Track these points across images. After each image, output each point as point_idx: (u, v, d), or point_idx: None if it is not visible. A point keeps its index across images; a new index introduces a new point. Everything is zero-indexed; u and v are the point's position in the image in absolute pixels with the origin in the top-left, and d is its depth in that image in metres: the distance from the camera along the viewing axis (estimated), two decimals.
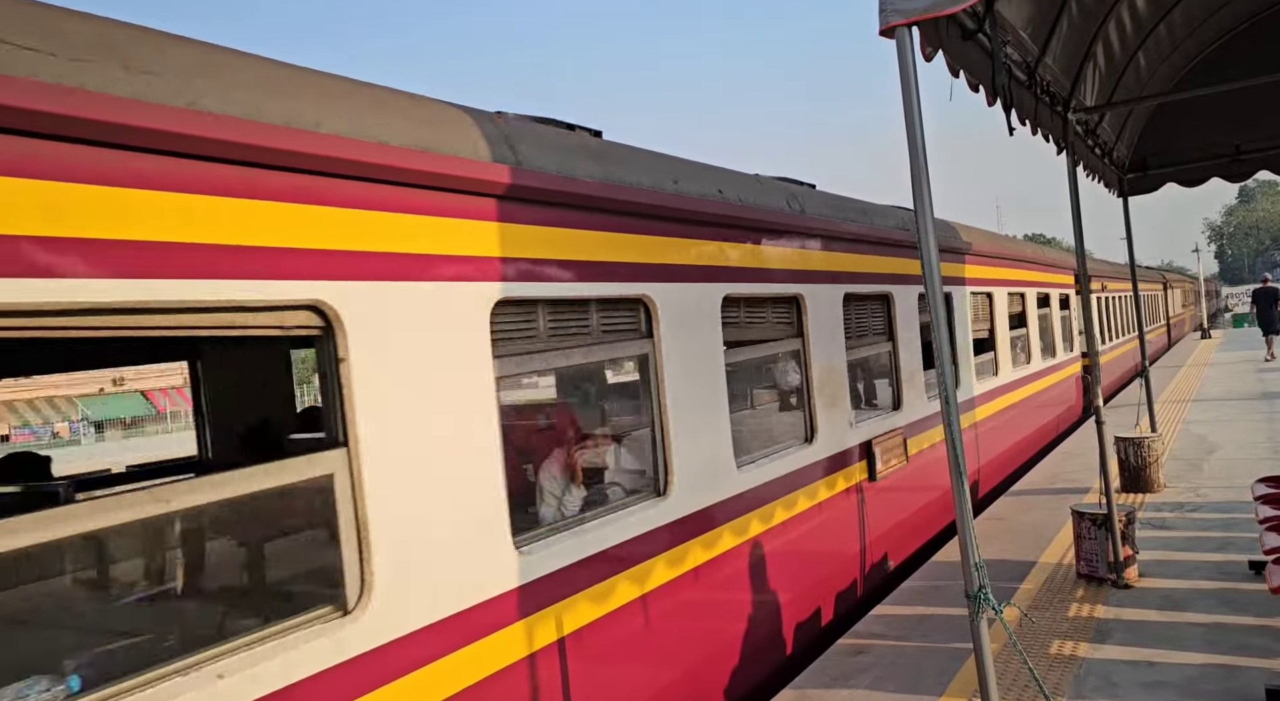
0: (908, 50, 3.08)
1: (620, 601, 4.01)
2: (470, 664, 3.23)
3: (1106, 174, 8.18)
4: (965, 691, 4.57)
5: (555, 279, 3.84)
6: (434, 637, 3.09)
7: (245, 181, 2.65)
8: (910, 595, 6.25)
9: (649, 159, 4.63)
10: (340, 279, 2.89)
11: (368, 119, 3.05)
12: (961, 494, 3.12)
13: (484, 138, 3.53)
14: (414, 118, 3.29)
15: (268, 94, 2.76)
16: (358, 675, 2.82)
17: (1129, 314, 22.27)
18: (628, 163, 4.37)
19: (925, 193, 3.15)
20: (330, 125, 2.88)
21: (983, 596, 3.06)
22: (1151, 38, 6.55)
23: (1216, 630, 5.02)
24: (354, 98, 3.11)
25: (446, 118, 3.49)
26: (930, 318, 3.20)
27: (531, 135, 3.85)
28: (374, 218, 3.05)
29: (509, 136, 3.69)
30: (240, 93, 2.66)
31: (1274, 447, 10.28)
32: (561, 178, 3.82)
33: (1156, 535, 7.06)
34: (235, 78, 2.70)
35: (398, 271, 3.10)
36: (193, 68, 2.59)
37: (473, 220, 3.45)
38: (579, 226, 3.98)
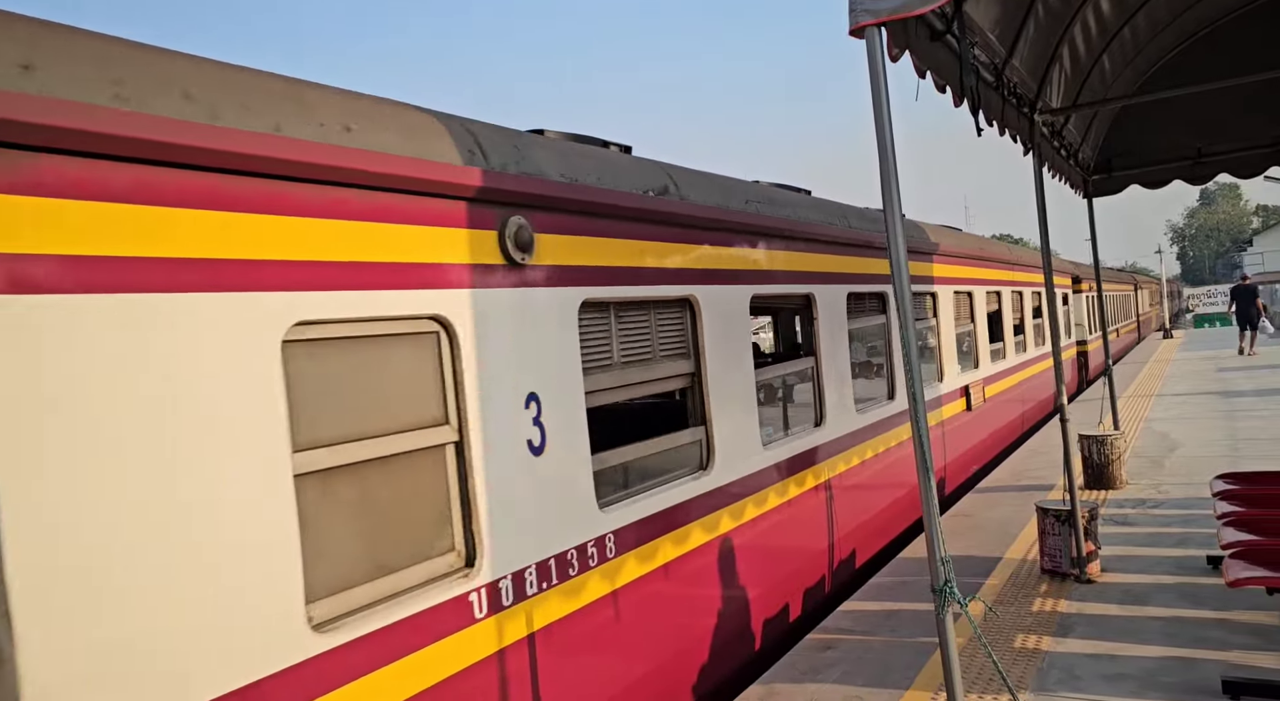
0: (877, 50, 3.11)
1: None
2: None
3: (1072, 175, 8.30)
4: (932, 685, 4.62)
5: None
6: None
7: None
8: (878, 591, 6.31)
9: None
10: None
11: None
12: (928, 490, 3.15)
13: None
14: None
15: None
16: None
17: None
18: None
19: (894, 191, 3.18)
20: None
21: (948, 590, 3.09)
22: (1116, 41, 6.66)
23: (1175, 623, 5.12)
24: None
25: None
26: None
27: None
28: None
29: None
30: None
31: (1233, 445, 10.50)
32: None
33: (1118, 531, 7.18)
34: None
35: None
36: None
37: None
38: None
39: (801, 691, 4.73)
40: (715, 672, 5.03)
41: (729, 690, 5.12)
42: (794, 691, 4.73)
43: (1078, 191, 8.87)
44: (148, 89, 2.52)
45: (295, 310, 2.87)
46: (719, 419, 5.17)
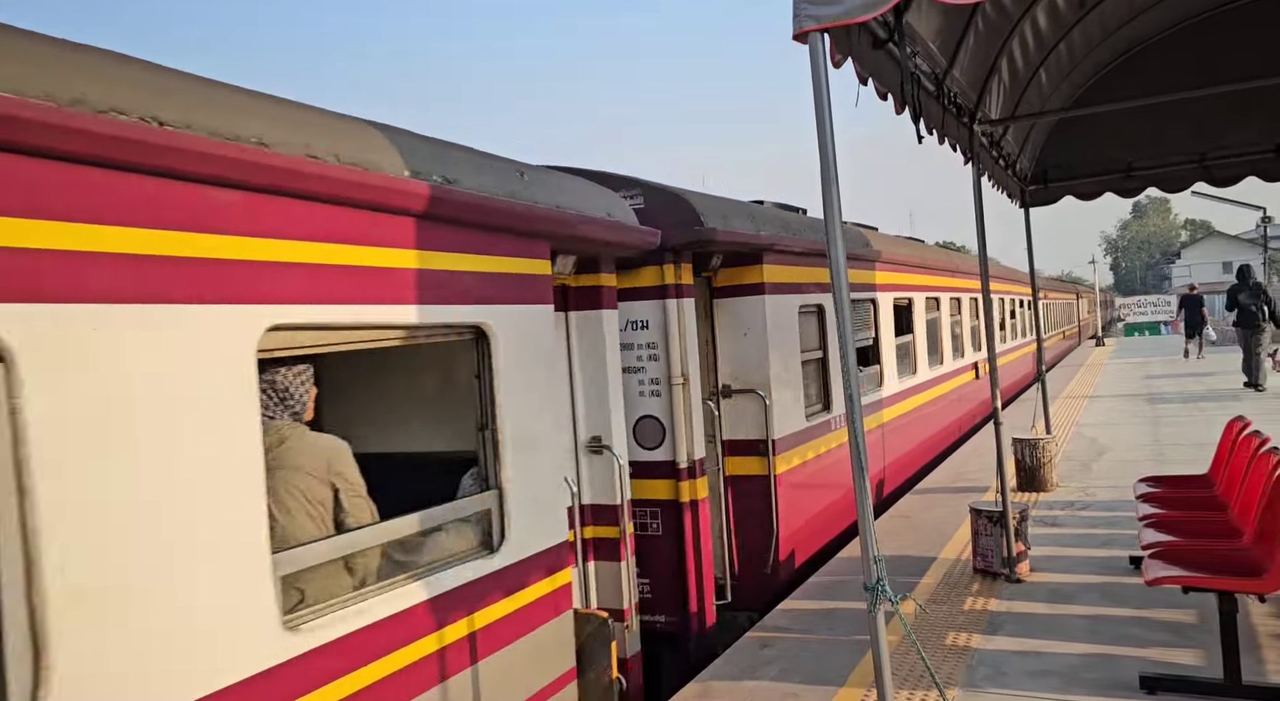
0: (820, 56, 3.16)
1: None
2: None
3: (1009, 185, 8.51)
4: (865, 681, 4.70)
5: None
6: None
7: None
8: (817, 590, 6.40)
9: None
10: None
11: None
12: (863, 490, 3.21)
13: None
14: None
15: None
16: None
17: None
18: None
19: (835, 197, 3.23)
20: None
21: (880, 588, 3.16)
22: (1052, 56, 6.85)
23: (1098, 621, 5.29)
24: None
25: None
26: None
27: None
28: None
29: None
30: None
31: (1158, 450, 10.88)
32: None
33: (1048, 532, 7.39)
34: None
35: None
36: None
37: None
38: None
39: (739, 689, 4.77)
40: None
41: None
42: (731, 689, 4.78)
43: (1014, 201, 9.09)
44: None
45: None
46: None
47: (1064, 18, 6.22)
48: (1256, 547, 4.35)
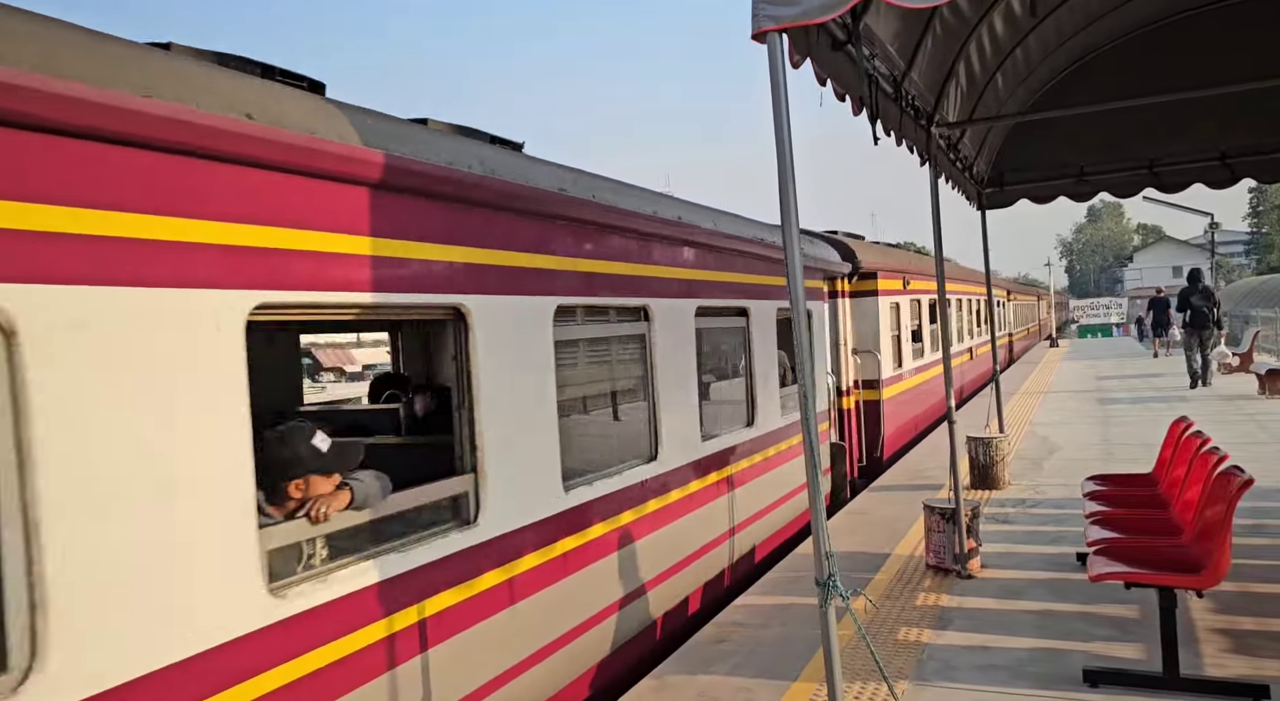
0: (778, 56, 3.18)
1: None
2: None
3: (966, 187, 8.65)
4: (818, 676, 4.75)
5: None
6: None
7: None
8: (772, 585, 6.46)
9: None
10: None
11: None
12: (815, 486, 3.25)
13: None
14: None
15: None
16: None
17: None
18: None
19: (791, 197, 3.25)
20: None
21: (832, 584, 3.20)
22: (1009, 61, 6.97)
23: (1045, 616, 5.41)
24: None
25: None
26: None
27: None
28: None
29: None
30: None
31: (1107, 449, 11.14)
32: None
33: (999, 529, 7.53)
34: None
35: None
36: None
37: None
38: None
39: (693, 683, 4.80)
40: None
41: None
42: (686, 683, 4.80)
43: (972, 203, 9.24)
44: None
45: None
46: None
47: (1020, 23, 6.33)
48: (1195, 545, 4.47)
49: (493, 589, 4.13)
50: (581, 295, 4.95)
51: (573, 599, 4.73)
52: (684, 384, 6.10)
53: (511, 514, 4.26)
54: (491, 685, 4.08)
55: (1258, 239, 73.32)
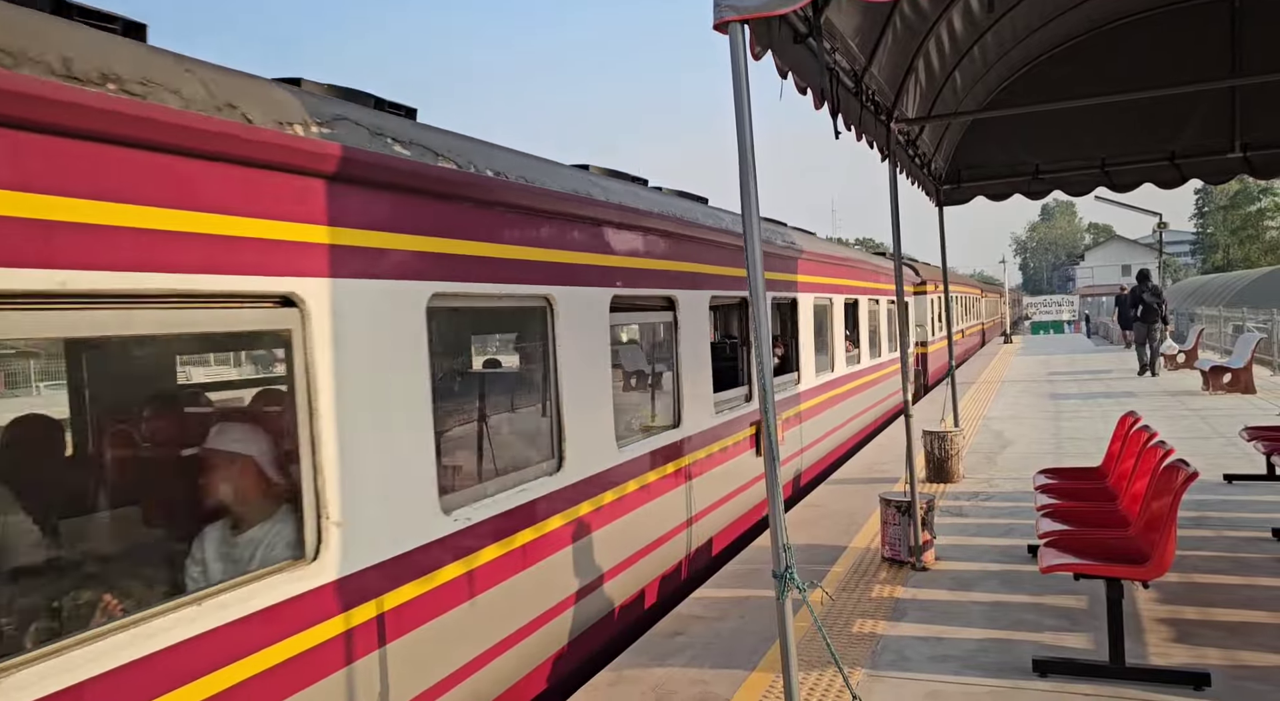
0: (739, 47, 3.17)
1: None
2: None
3: (925, 184, 8.75)
4: (775, 667, 4.78)
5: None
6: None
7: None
8: (730, 579, 6.48)
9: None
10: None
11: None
12: (774, 480, 3.25)
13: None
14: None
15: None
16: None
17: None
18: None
19: (752, 188, 3.24)
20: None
21: (789, 576, 3.20)
22: (967, 58, 7.05)
23: (997, 608, 5.49)
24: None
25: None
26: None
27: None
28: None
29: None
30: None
31: (1058, 443, 11.36)
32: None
33: (953, 521, 7.64)
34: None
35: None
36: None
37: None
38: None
39: (649, 675, 4.80)
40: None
41: None
42: (642, 675, 4.80)
43: (931, 199, 9.35)
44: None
45: None
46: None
47: (978, 22, 6.40)
48: (1142, 536, 4.57)
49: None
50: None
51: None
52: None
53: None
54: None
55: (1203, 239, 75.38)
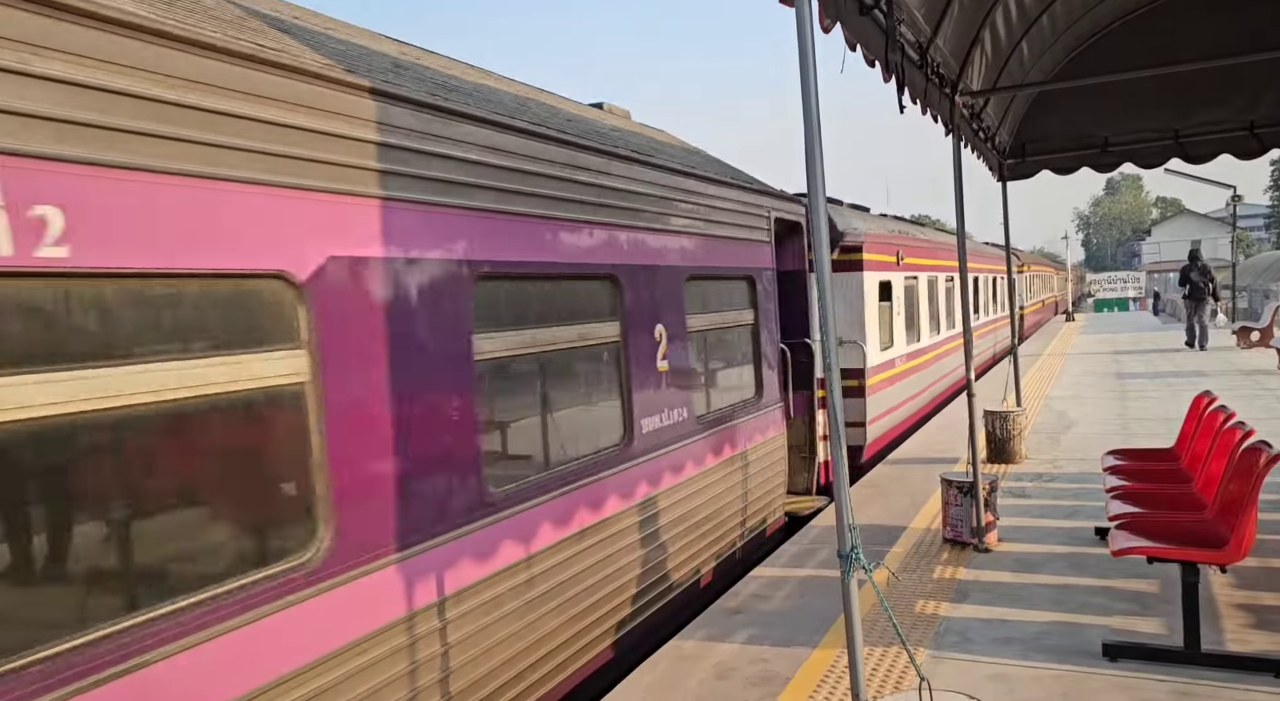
0: (806, 20, 3.11)
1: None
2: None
3: (989, 158, 8.53)
4: (835, 646, 4.77)
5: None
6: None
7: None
8: (787, 558, 6.46)
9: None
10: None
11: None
12: (840, 460, 3.22)
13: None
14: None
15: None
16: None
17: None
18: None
19: (818, 165, 3.19)
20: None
21: (854, 556, 3.18)
22: (1035, 28, 6.83)
23: (1063, 590, 5.39)
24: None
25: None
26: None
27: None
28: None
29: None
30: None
31: (1124, 424, 11.07)
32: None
33: (1016, 503, 7.51)
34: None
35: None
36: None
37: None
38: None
39: (710, 653, 4.82)
40: None
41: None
42: (703, 652, 4.82)
43: (994, 174, 9.12)
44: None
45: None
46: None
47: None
48: (1220, 519, 4.43)
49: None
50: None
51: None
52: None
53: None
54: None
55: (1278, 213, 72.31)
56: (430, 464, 3.63)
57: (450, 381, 3.78)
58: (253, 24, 3.28)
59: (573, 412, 4.98)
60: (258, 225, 2.92)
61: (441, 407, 3.71)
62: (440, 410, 3.70)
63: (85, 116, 2.45)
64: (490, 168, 4.09)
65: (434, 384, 3.68)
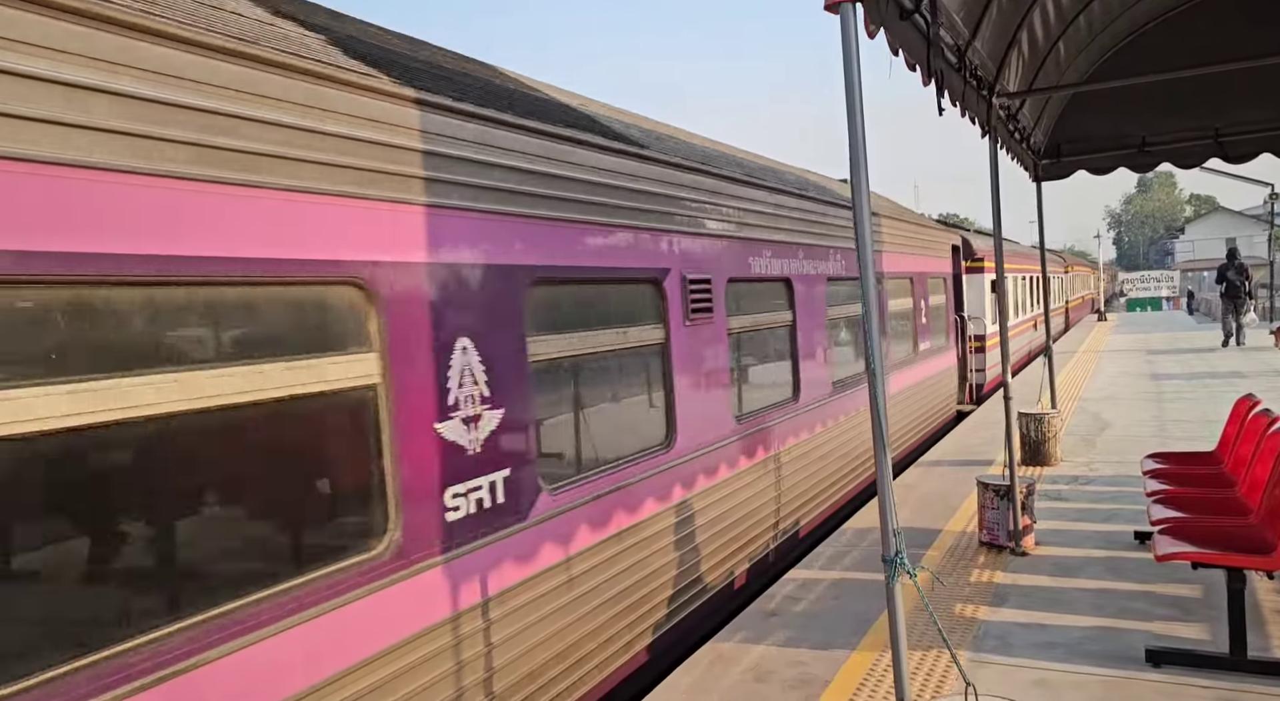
0: (851, 26, 3.13)
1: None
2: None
3: (1024, 158, 8.47)
4: (874, 649, 4.77)
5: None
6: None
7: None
8: (822, 561, 6.46)
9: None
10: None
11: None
12: (883, 464, 3.24)
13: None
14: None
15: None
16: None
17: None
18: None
19: (862, 167, 3.21)
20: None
21: (899, 560, 3.19)
22: (1072, 27, 6.78)
23: (1103, 595, 5.36)
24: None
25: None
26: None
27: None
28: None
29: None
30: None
31: (1160, 426, 10.93)
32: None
33: (1052, 506, 7.45)
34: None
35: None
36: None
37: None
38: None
39: (747, 655, 4.84)
40: None
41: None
42: (739, 655, 4.85)
43: (1029, 175, 9.05)
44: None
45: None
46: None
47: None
48: (1266, 525, 4.39)
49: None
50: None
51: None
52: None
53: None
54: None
55: None
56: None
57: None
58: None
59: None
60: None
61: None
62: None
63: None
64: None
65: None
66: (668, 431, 5.25)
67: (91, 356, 2.39)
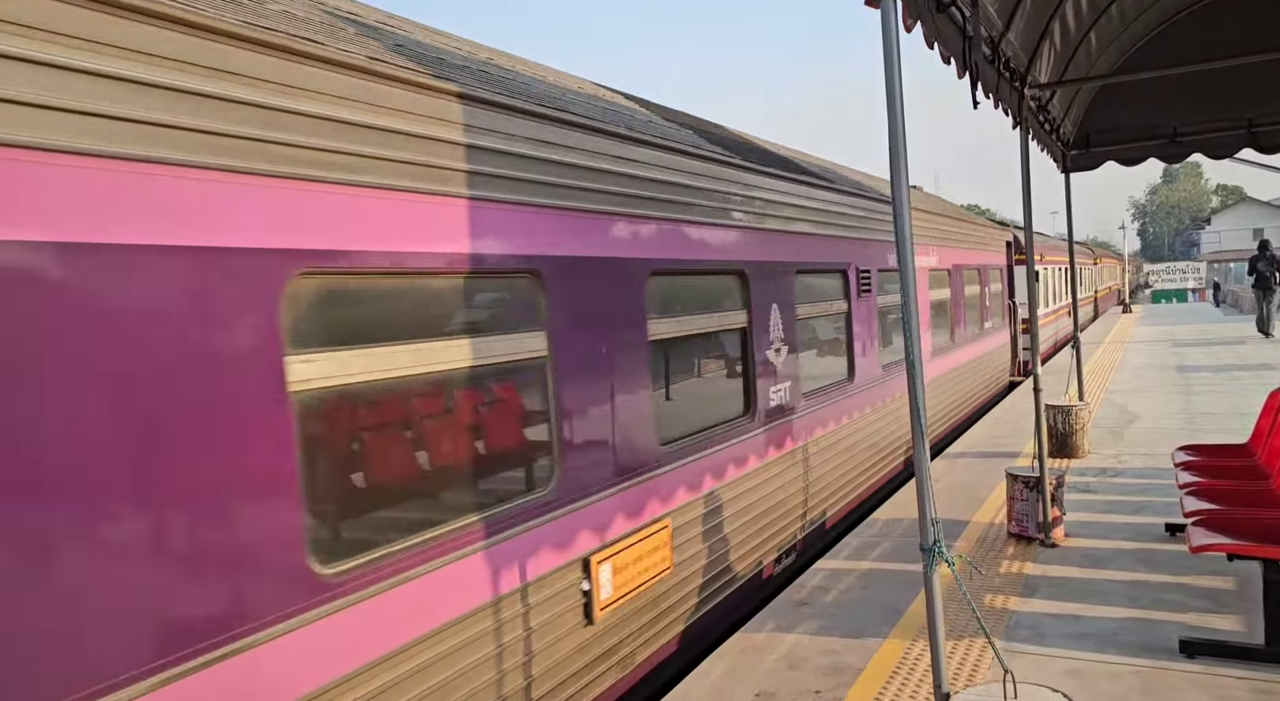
0: (891, 20, 3.15)
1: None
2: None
3: (1053, 149, 8.42)
4: (905, 637, 4.82)
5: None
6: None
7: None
8: (851, 550, 6.50)
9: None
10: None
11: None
12: (921, 453, 3.27)
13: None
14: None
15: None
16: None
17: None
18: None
19: (902, 160, 3.23)
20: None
21: (937, 550, 3.23)
22: (1104, 17, 6.73)
23: (1135, 586, 5.36)
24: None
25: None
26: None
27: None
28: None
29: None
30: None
31: (1189, 418, 10.86)
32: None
33: (1081, 498, 7.44)
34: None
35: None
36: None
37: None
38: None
39: (779, 643, 4.90)
40: None
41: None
42: (771, 643, 4.90)
43: (1058, 166, 9.00)
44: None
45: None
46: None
47: None
48: None
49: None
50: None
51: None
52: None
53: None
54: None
55: None
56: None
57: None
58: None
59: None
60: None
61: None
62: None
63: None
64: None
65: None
66: (848, 370, 7.91)
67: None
